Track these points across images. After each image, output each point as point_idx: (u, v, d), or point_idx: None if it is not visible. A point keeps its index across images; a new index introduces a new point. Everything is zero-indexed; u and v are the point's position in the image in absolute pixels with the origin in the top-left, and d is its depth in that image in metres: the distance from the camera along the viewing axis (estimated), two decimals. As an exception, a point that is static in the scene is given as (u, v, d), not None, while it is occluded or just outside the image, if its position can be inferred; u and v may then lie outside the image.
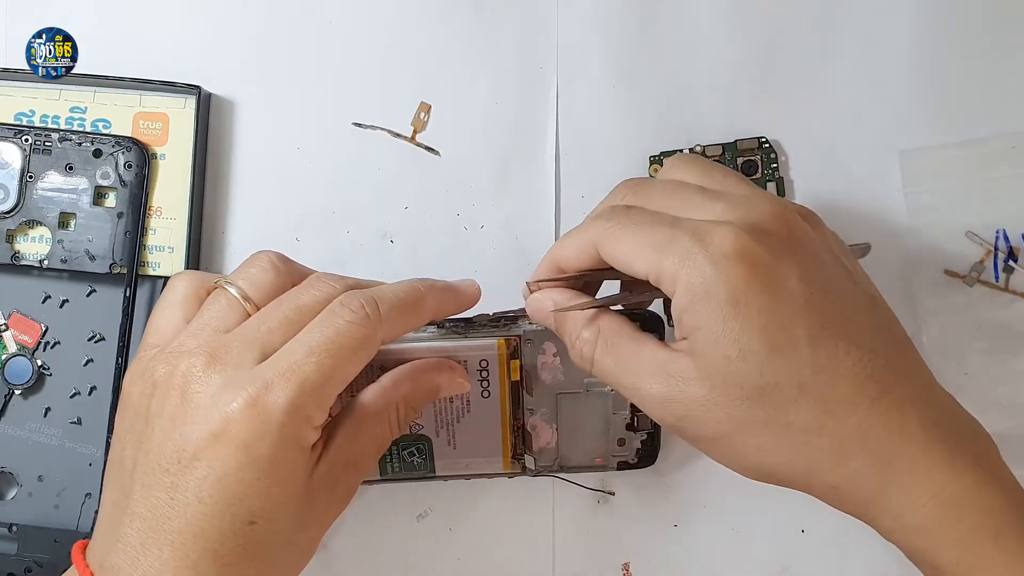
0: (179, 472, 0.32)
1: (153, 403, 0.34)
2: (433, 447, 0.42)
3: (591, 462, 0.43)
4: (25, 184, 0.43)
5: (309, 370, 0.33)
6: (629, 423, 0.43)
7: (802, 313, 0.32)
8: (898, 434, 0.32)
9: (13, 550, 0.42)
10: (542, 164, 0.45)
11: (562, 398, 0.42)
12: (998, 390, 0.44)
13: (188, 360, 0.33)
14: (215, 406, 0.32)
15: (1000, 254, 0.44)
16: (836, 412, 0.32)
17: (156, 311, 0.36)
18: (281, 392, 0.32)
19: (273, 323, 0.34)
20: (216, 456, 0.32)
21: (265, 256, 0.36)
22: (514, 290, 0.44)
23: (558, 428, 0.42)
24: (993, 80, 0.45)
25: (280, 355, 0.33)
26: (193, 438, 0.32)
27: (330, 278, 0.36)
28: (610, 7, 0.45)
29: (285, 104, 0.45)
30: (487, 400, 0.41)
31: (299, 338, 0.34)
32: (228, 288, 0.35)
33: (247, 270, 0.36)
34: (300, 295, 0.35)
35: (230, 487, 0.32)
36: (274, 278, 0.36)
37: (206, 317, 0.35)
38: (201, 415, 0.32)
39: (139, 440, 0.34)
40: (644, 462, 0.43)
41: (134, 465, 0.33)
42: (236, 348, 0.33)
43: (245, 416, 0.32)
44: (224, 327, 0.35)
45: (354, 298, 0.34)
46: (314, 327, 0.34)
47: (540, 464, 0.43)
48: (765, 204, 0.34)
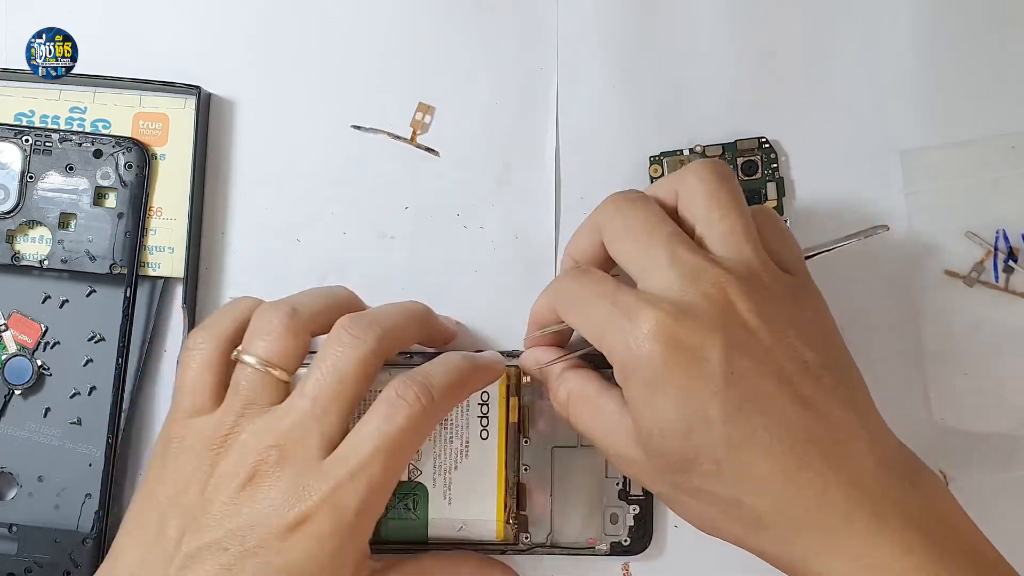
0: (240, 554, 0.34)
1: (211, 484, 0.35)
2: (429, 498, 0.41)
3: (584, 541, 0.43)
4: (25, 184, 0.43)
5: (376, 470, 0.35)
6: (621, 489, 0.43)
7: (719, 392, 0.33)
8: (816, 508, 0.33)
9: (13, 550, 0.42)
10: (542, 164, 0.45)
11: (557, 452, 0.43)
12: (998, 390, 0.44)
13: (256, 456, 0.35)
14: (288, 501, 0.34)
15: (1000, 254, 0.44)
16: (752, 488, 0.33)
17: (184, 374, 0.37)
18: (353, 494, 0.34)
19: (325, 402, 0.35)
20: (283, 547, 0.34)
21: (276, 319, 0.37)
22: (514, 290, 0.45)
23: (552, 494, 0.42)
24: (993, 80, 0.45)
25: (347, 451, 0.35)
26: (263, 525, 0.34)
27: (357, 328, 0.37)
28: (610, 7, 0.45)
29: (285, 104, 0.45)
30: (486, 442, 0.41)
31: (362, 434, 0.35)
32: (253, 362, 0.37)
33: (261, 337, 0.37)
34: (338, 365, 0.36)
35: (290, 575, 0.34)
36: (292, 342, 0.37)
37: (245, 394, 0.36)
38: (271, 507, 0.34)
39: (190, 514, 0.35)
40: (637, 544, 0.43)
41: (180, 536, 0.35)
42: (300, 442, 0.35)
43: (320, 514, 0.34)
44: (269, 401, 0.36)
45: (410, 389, 0.36)
46: (374, 420, 0.35)
47: (534, 540, 0.42)
48: (711, 282, 0.34)
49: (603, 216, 0.38)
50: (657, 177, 0.44)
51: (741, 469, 0.33)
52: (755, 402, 0.33)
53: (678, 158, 0.45)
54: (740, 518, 0.34)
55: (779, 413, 0.33)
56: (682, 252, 0.35)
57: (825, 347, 0.35)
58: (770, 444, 0.33)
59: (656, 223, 0.36)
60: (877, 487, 0.33)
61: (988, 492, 0.44)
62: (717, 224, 0.36)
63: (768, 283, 0.35)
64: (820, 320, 0.37)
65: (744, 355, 0.34)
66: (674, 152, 0.45)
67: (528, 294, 0.44)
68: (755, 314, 0.34)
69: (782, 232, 0.38)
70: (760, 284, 0.35)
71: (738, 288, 0.34)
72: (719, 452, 0.33)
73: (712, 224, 0.36)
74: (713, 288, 0.34)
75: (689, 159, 0.44)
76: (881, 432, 0.35)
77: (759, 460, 0.33)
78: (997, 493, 0.44)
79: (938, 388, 0.44)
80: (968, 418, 0.44)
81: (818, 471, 0.33)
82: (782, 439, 0.33)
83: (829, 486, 0.33)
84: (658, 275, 0.35)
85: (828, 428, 0.34)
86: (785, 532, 0.33)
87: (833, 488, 0.33)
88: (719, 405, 0.33)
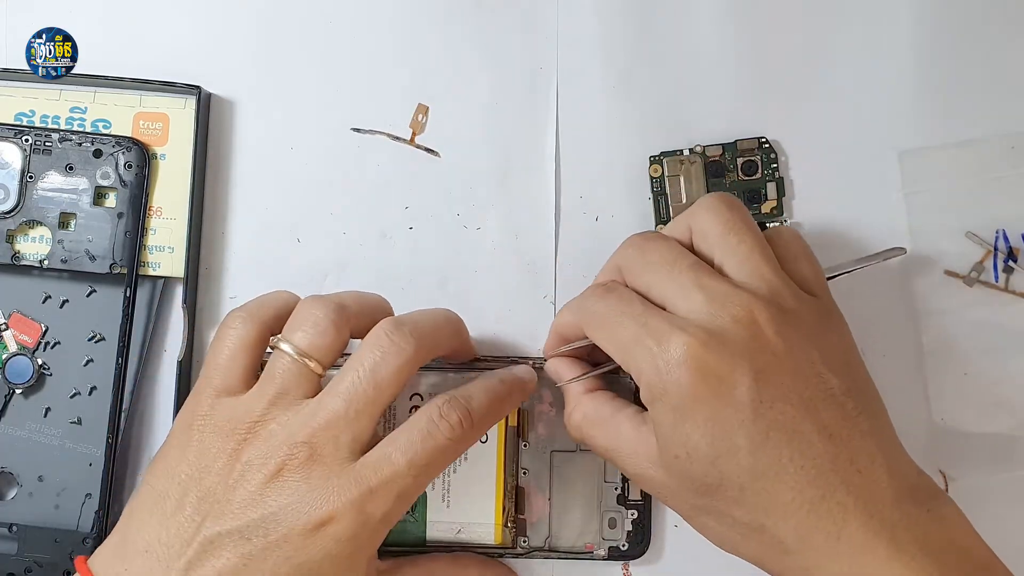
0: (262, 547, 0.34)
1: (236, 470, 0.35)
2: (427, 501, 0.41)
3: (582, 546, 0.43)
4: (25, 184, 0.43)
5: (408, 483, 0.35)
6: (620, 494, 0.43)
7: (747, 422, 0.34)
8: (836, 537, 0.33)
9: (13, 550, 0.42)
10: (542, 164, 0.45)
11: (556, 457, 0.43)
12: (998, 390, 0.44)
13: (286, 450, 0.35)
14: (315, 500, 0.34)
15: (1000, 254, 0.44)
16: (774, 514, 0.34)
17: (217, 350, 0.37)
18: (383, 502, 0.35)
19: (360, 405, 0.35)
20: (305, 545, 0.34)
21: (321, 313, 0.37)
22: (514, 290, 0.45)
23: (551, 498, 0.43)
24: (993, 80, 0.45)
25: (382, 459, 0.35)
26: (286, 520, 0.34)
27: (398, 335, 0.36)
28: (610, 7, 0.45)
29: (285, 104, 0.45)
30: (484, 446, 0.41)
31: (400, 445, 0.35)
32: (291, 352, 0.36)
33: (304, 329, 0.36)
34: (378, 371, 0.36)
35: (306, 572, 0.34)
36: (334, 338, 0.37)
37: (279, 382, 0.36)
38: (298, 503, 0.34)
39: (212, 497, 0.35)
40: (635, 549, 0.43)
41: (202, 519, 0.35)
42: (332, 442, 0.35)
43: (344, 518, 0.34)
44: (303, 393, 0.36)
45: (454, 412, 0.36)
46: (414, 435, 0.35)
47: (532, 544, 0.42)
48: (738, 305, 0.35)
49: (623, 256, 0.38)
50: (657, 177, 0.45)
51: (765, 496, 0.34)
52: (782, 432, 0.34)
53: (678, 158, 0.45)
54: (762, 542, 0.35)
55: (804, 443, 0.34)
56: (706, 278, 0.36)
57: (848, 372, 0.36)
58: (794, 473, 0.34)
59: (677, 255, 0.37)
60: (895, 515, 0.34)
61: (988, 492, 0.44)
62: (735, 249, 0.37)
63: (792, 305, 0.36)
64: (844, 344, 0.37)
65: (772, 383, 0.34)
66: (674, 152, 0.45)
67: (528, 294, 0.44)
68: (782, 338, 0.35)
69: (803, 253, 0.38)
70: (785, 307, 0.36)
71: (766, 312, 0.35)
72: (744, 479, 0.34)
73: (730, 250, 0.37)
74: (742, 311, 0.35)
75: (689, 159, 0.44)
76: (900, 459, 0.35)
77: (783, 488, 0.34)
78: (997, 493, 0.44)
79: (938, 388, 0.44)
80: (968, 418, 0.44)
81: (839, 500, 0.33)
82: (807, 469, 0.34)
83: (849, 515, 0.33)
84: (685, 300, 0.35)
85: (850, 457, 0.34)
86: (807, 558, 0.34)
87: (853, 517, 0.33)
88: (746, 434, 0.34)
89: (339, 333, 0.37)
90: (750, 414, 0.34)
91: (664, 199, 0.45)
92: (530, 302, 0.45)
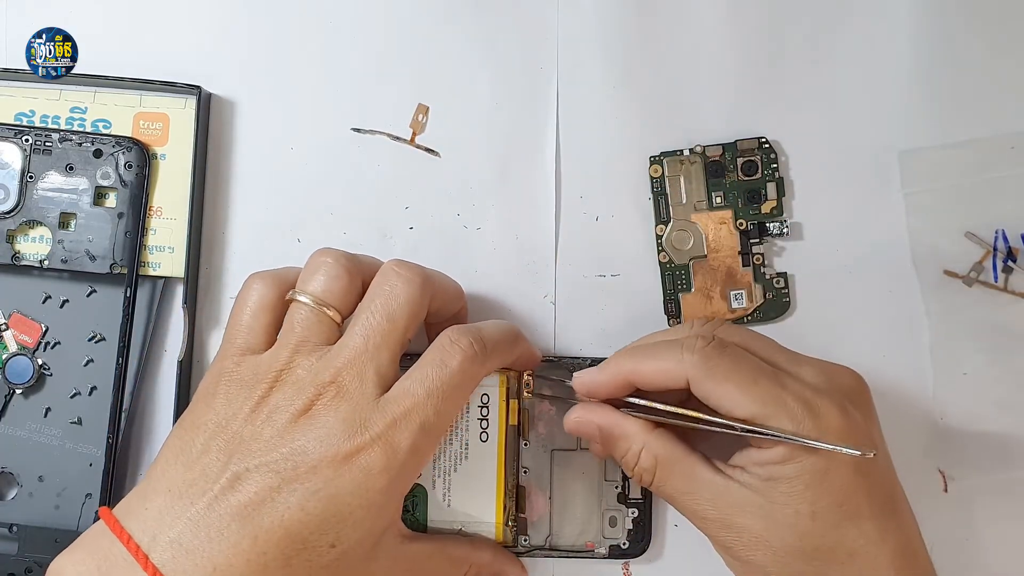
0: (291, 477, 0.34)
1: (263, 413, 0.35)
2: (428, 500, 0.41)
3: (582, 544, 0.43)
4: (25, 184, 0.43)
5: (429, 412, 0.35)
6: (620, 492, 0.43)
7: (874, 488, 0.36)
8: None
9: (13, 550, 0.42)
10: (542, 164, 0.45)
11: (556, 455, 0.43)
12: (998, 390, 0.44)
13: (313, 390, 0.35)
14: (344, 432, 0.34)
15: (999, 254, 0.44)
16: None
17: (238, 312, 0.38)
18: (407, 433, 0.35)
19: (377, 339, 0.36)
20: (335, 475, 0.34)
21: (331, 259, 0.37)
22: (513, 290, 0.45)
23: (551, 496, 0.43)
24: (993, 80, 0.45)
25: (402, 393, 0.35)
26: (316, 452, 0.34)
27: (404, 268, 0.37)
28: (610, 7, 0.45)
29: (285, 104, 0.45)
30: (485, 444, 0.41)
31: (417, 376, 0.36)
32: (308, 301, 0.37)
33: (316, 277, 0.37)
34: (388, 304, 0.36)
35: (335, 506, 0.34)
36: (348, 283, 0.37)
37: (299, 331, 0.36)
38: (327, 435, 0.34)
39: (238, 438, 0.35)
40: (635, 548, 0.43)
41: (228, 458, 0.34)
42: (358, 378, 0.35)
43: (374, 448, 0.34)
44: (323, 340, 0.37)
45: (464, 336, 0.37)
46: (429, 365, 0.36)
47: (533, 542, 0.42)
48: (846, 374, 0.38)
49: (706, 329, 0.39)
50: (657, 177, 0.45)
51: (868, 564, 0.35)
52: (892, 503, 0.37)
53: (678, 158, 0.45)
54: None
55: (902, 515, 0.37)
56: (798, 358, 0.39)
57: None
58: (895, 544, 0.36)
59: (759, 334, 0.40)
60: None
61: (988, 492, 0.44)
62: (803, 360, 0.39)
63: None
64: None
65: (885, 451, 0.38)
66: (674, 152, 0.45)
67: (528, 294, 0.44)
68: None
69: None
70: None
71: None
72: (858, 544, 0.35)
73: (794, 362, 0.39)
74: (859, 380, 0.38)
75: (689, 159, 0.44)
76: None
77: (883, 558, 0.35)
78: (997, 493, 0.44)
79: (938, 388, 0.44)
80: (968, 418, 0.44)
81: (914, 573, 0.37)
82: (899, 539, 0.36)
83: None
84: (800, 365, 0.38)
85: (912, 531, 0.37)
86: None
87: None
88: (868, 501, 0.36)
89: (351, 278, 0.37)
90: (878, 480, 0.36)
91: (664, 199, 0.45)
92: (530, 302, 0.45)
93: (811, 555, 0.36)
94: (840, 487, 0.35)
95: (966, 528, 0.43)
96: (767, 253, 0.45)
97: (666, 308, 0.44)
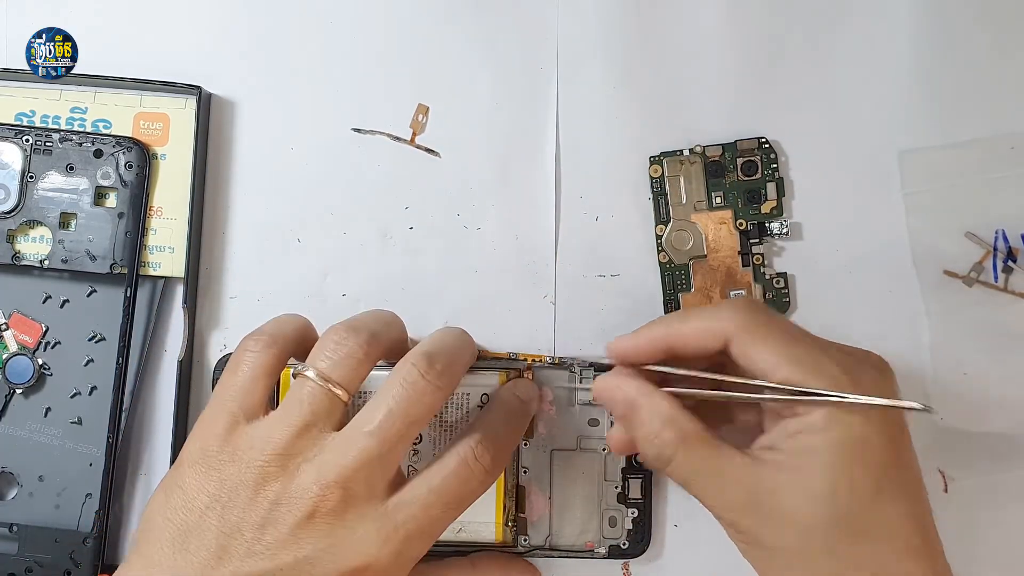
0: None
1: (263, 507, 0.34)
2: None
3: (582, 544, 0.43)
4: (26, 184, 0.43)
5: (435, 516, 0.35)
6: (620, 492, 0.43)
7: (905, 466, 0.35)
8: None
9: (13, 550, 0.42)
10: (542, 164, 0.45)
11: (556, 455, 0.43)
12: (998, 390, 0.44)
13: (317, 491, 0.33)
14: (351, 546, 0.34)
15: (999, 254, 0.44)
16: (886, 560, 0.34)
17: (234, 375, 0.36)
18: (419, 544, 0.35)
19: (392, 443, 0.34)
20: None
21: (353, 341, 0.36)
22: (513, 290, 0.45)
23: (551, 496, 0.43)
24: (993, 80, 0.45)
25: (415, 501, 0.35)
26: (321, 564, 0.33)
27: (433, 374, 0.35)
28: (610, 7, 0.45)
29: (285, 104, 0.45)
30: None
31: (435, 487, 0.35)
32: (316, 379, 0.35)
33: (333, 355, 0.35)
34: (411, 411, 0.35)
35: None
36: (367, 369, 0.36)
37: (305, 409, 0.35)
38: (333, 548, 0.33)
39: (238, 535, 0.33)
40: (635, 548, 0.43)
41: (229, 556, 0.33)
42: (365, 482, 0.34)
43: (384, 561, 0.34)
44: (330, 424, 0.35)
45: (487, 454, 0.36)
46: (450, 478, 0.35)
47: (532, 542, 0.42)
48: (873, 355, 0.37)
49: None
50: (657, 177, 0.45)
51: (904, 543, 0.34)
52: (920, 483, 0.36)
53: (678, 158, 0.45)
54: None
55: (927, 499, 0.36)
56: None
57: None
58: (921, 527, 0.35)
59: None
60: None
61: (988, 492, 0.44)
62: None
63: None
64: None
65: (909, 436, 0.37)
66: (674, 152, 0.45)
67: (528, 294, 0.44)
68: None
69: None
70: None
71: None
72: (892, 521, 0.34)
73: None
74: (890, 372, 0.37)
75: (689, 159, 0.44)
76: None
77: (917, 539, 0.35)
78: (997, 493, 0.44)
79: (938, 388, 0.44)
80: (968, 418, 0.44)
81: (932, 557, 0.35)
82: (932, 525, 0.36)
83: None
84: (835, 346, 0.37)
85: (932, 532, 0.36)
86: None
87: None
88: (902, 479, 0.35)
89: (371, 364, 0.36)
90: (907, 458, 0.35)
91: (664, 199, 0.45)
92: (530, 302, 0.45)
93: (844, 534, 0.33)
94: (878, 460, 0.34)
95: (966, 528, 0.43)
96: (767, 253, 0.45)
97: (666, 308, 0.44)
